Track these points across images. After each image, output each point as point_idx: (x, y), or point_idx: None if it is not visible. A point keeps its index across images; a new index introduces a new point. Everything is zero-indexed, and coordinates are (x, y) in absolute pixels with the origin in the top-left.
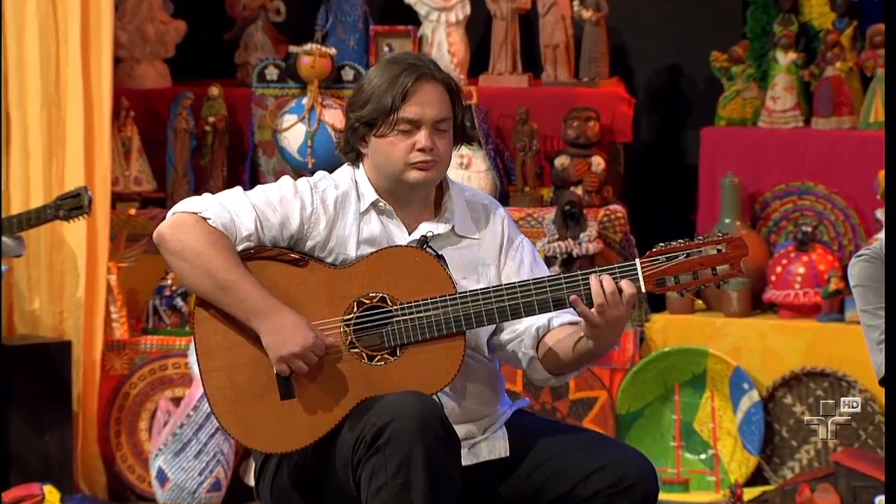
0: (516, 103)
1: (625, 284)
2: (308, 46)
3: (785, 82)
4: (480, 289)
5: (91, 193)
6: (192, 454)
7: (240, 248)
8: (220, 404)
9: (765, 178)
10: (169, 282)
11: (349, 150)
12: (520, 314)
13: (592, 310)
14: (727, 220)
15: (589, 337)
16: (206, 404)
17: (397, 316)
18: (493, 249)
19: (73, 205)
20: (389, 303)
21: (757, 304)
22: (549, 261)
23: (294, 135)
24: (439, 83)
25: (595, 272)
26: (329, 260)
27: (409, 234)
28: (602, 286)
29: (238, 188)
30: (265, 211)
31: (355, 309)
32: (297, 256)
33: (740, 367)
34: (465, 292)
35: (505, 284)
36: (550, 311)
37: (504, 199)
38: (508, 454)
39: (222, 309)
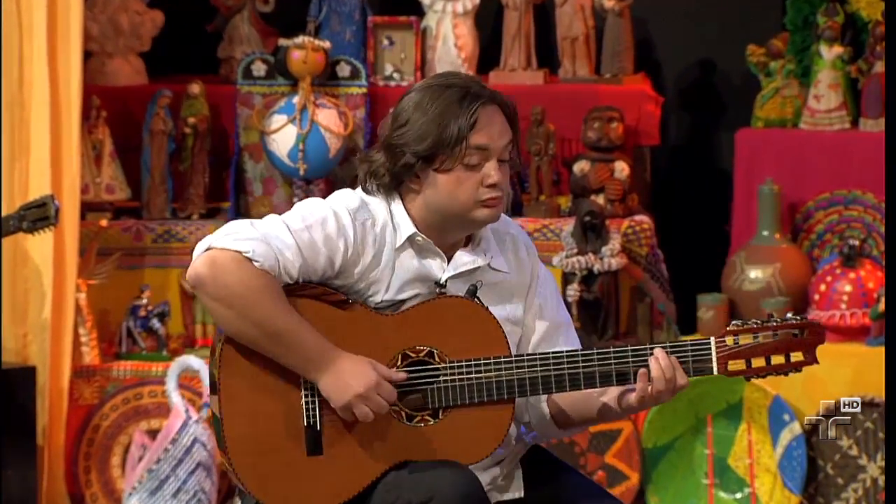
0: (531, 102)
1: (679, 377)
2: (299, 39)
3: (829, 79)
4: (539, 354)
5: (58, 203)
6: (170, 493)
7: None
8: (240, 454)
9: (807, 186)
10: (144, 301)
11: (392, 185)
12: (579, 385)
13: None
14: (765, 233)
15: (622, 408)
16: (186, 437)
17: (444, 375)
18: (521, 286)
19: (38, 215)
20: (437, 359)
21: None
22: (567, 277)
23: (284, 137)
24: (499, 106)
25: (665, 347)
26: (362, 298)
27: (448, 264)
28: (661, 368)
29: (276, 218)
30: (311, 253)
31: (399, 362)
32: (341, 298)
33: (780, 397)
34: (522, 356)
35: (566, 352)
36: (612, 384)
37: (517, 209)
38: (523, 495)
39: (271, 357)
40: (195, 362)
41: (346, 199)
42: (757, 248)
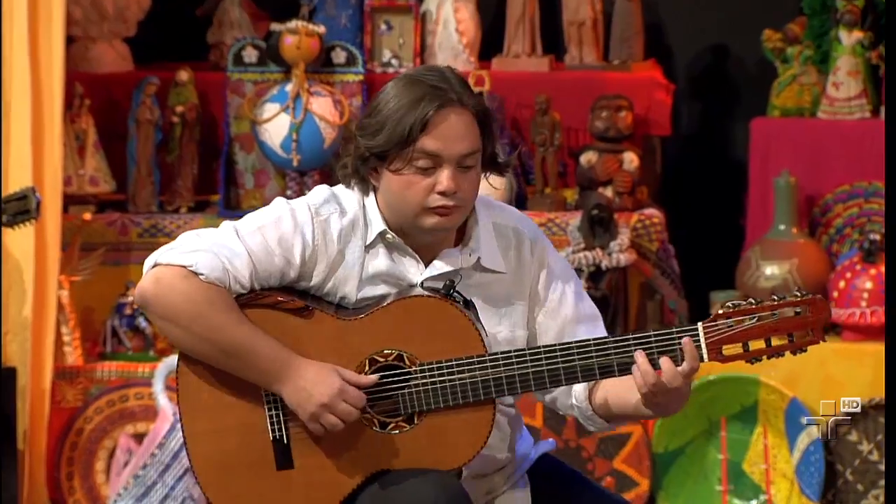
0: (535, 90)
1: (665, 364)
2: (292, 24)
3: (849, 66)
4: (515, 351)
5: (39, 195)
6: (158, 500)
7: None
8: (206, 473)
9: (826, 178)
10: (130, 298)
11: (356, 178)
12: (559, 381)
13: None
14: (781, 227)
15: (645, 405)
16: (174, 441)
17: (416, 378)
18: (522, 285)
19: (18, 209)
20: (407, 362)
21: None
22: None
23: (276, 127)
24: (467, 110)
25: (648, 337)
26: (328, 300)
27: (426, 268)
28: (641, 374)
29: (227, 225)
30: (263, 258)
31: (367, 368)
32: (300, 305)
33: (797, 399)
34: (497, 354)
35: (544, 347)
36: (596, 377)
37: (521, 202)
38: None
39: (229, 373)
40: None
41: (313, 194)
42: (773, 242)
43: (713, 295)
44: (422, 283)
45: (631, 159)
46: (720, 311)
